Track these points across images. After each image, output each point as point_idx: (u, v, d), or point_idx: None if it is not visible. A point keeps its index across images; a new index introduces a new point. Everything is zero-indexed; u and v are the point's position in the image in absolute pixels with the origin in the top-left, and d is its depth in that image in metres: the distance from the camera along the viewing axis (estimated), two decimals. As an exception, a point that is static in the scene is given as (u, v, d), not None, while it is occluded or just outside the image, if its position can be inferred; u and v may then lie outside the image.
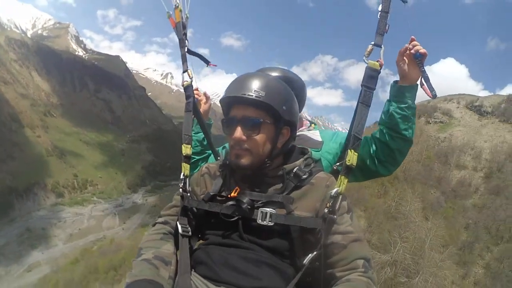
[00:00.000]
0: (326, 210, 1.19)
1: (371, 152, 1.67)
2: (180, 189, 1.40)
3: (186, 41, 1.70)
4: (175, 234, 1.35)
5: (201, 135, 2.06)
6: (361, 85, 1.41)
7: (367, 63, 1.40)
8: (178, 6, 1.68)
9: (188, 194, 1.39)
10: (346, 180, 1.24)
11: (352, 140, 1.29)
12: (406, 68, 1.54)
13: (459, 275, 15.05)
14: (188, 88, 1.67)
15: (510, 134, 27.85)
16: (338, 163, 1.57)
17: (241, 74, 1.44)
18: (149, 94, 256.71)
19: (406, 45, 1.53)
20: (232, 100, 1.27)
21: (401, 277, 15.42)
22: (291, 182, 1.26)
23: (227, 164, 1.37)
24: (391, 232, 17.81)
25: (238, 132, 1.23)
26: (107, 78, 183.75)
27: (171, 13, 1.70)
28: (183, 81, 1.71)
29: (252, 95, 1.19)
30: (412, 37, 1.51)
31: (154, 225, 1.43)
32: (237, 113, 1.25)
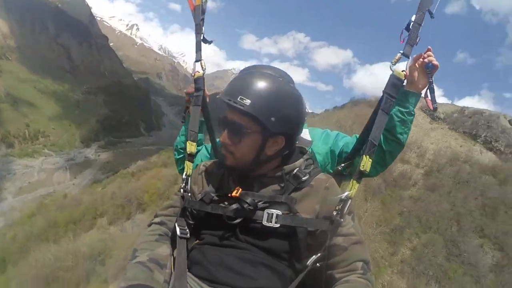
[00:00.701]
0: (334, 213, 1.19)
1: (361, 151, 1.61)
2: (181, 189, 1.37)
3: (203, 27, 1.64)
4: (172, 236, 1.33)
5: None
6: (383, 92, 1.40)
7: (392, 71, 1.41)
8: None
9: (189, 195, 1.36)
10: (357, 185, 1.25)
11: (368, 146, 1.29)
12: (416, 75, 1.53)
13: (388, 252, 17.03)
14: (199, 80, 1.63)
15: (455, 141, 29.75)
16: (343, 164, 1.63)
17: (210, 36, 1.55)
18: (111, 44, 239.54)
19: (422, 53, 1.53)
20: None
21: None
22: (290, 183, 1.24)
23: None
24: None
25: (224, 136, 1.24)
26: (69, 23, 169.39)
27: None
28: (194, 71, 1.63)
29: (236, 104, 1.15)
30: (429, 47, 1.52)
31: (149, 225, 1.39)
32: (228, 115, 1.23)
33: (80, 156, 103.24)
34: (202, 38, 1.64)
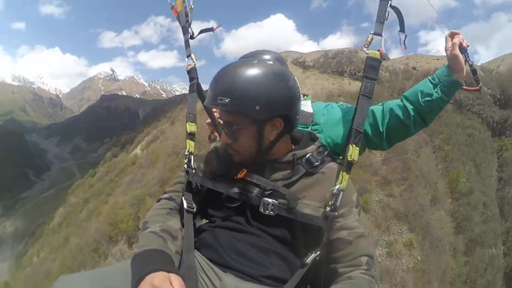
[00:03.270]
0: (328, 208, 1.15)
1: (380, 126, 1.56)
2: (185, 165, 1.39)
3: (190, 28, 1.74)
4: (181, 210, 1.32)
5: None
6: (362, 76, 1.34)
7: (367, 53, 1.33)
8: None
9: (193, 170, 1.36)
10: (348, 176, 1.19)
11: (354, 134, 1.23)
12: (462, 62, 1.45)
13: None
14: (192, 71, 1.68)
15: (327, 81, 34.65)
16: (341, 157, 1.48)
17: (64, 46, 3.85)
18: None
19: (453, 32, 1.47)
20: None
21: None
22: (302, 167, 1.20)
23: None
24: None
25: (223, 137, 1.23)
26: None
27: (173, 4, 1.77)
28: (187, 65, 1.71)
29: (218, 106, 1.14)
30: (456, 31, 1.46)
31: (158, 200, 1.38)
32: (220, 116, 1.26)
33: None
34: (189, 36, 1.73)
